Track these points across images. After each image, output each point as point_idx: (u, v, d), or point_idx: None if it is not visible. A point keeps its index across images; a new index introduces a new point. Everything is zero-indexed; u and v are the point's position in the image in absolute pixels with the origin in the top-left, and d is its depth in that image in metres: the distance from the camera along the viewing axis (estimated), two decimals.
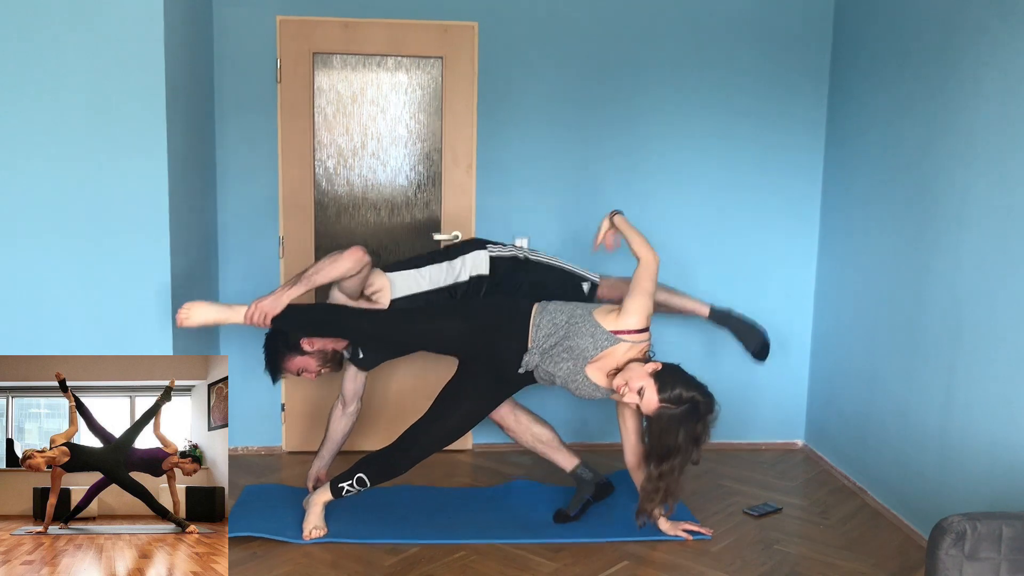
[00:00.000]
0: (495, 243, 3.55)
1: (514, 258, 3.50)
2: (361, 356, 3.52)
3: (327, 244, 4.13)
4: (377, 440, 4.23)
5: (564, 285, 3.55)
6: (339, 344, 3.44)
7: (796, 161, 4.29)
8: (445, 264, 3.44)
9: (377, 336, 3.39)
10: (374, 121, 4.10)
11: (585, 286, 3.59)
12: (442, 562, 3.08)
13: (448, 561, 3.08)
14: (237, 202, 4.06)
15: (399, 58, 4.07)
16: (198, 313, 3.14)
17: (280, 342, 3.39)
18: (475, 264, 3.44)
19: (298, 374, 3.44)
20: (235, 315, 3.18)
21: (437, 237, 4.16)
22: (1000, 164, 2.95)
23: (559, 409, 4.09)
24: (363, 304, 3.37)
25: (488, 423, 3.56)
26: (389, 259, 4.13)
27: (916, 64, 3.48)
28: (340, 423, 3.63)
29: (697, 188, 4.26)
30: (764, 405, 4.43)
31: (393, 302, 3.38)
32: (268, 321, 3.17)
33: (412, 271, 3.43)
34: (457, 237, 4.15)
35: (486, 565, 3.07)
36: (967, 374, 3.10)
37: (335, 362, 3.47)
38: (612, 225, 3.35)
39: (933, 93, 3.35)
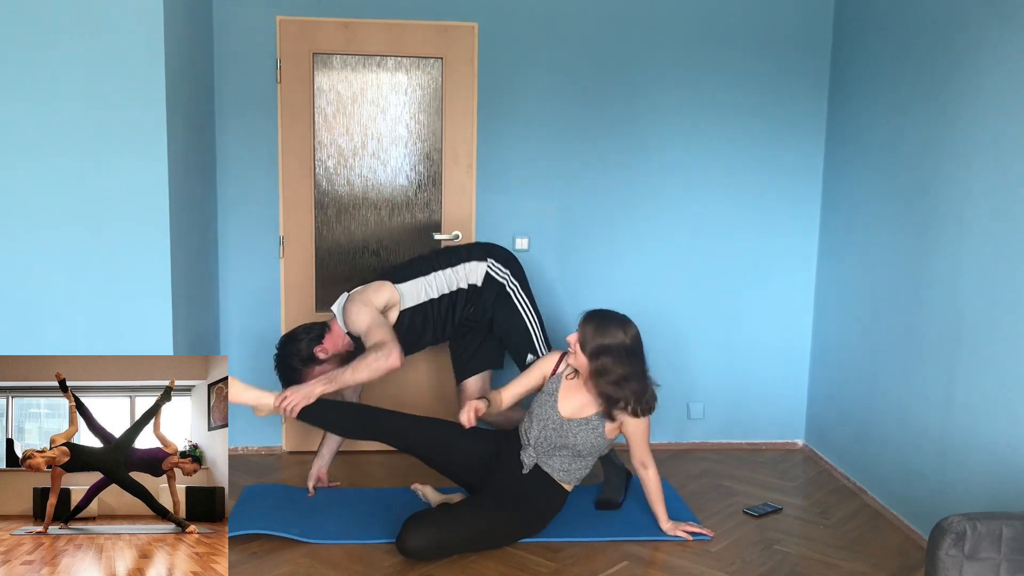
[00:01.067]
0: (497, 263, 3.62)
1: (503, 286, 3.59)
2: None
3: (327, 244, 4.13)
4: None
5: (519, 342, 3.65)
6: (348, 343, 3.48)
7: (796, 161, 4.28)
8: (449, 271, 3.55)
9: (400, 445, 3.39)
10: (374, 121, 4.10)
11: (529, 357, 3.63)
12: (442, 562, 3.07)
13: (448, 561, 3.08)
14: (237, 202, 4.06)
15: (399, 58, 4.07)
16: (234, 390, 3.18)
17: (294, 358, 3.44)
18: (474, 273, 3.56)
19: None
20: (266, 399, 3.23)
21: (437, 237, 4.16)
22: (1000, 164, 2.95)
23: None
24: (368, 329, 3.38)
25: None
26: (390, 259, 4.15)
27: (916, 65, 3.48)
28: None
29: (697, 188, 4.26)
30: (764, 405, 4.43)
31: (402, 313, 3.46)
32: (295, 414, 3.22)
33: (420, 280, 3.52)
34: (457, 237, 4.15)
35: (486, 565, 3.06)
36: (967, 374, 3.10)
37: (348, 360, 3.49)
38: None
39: (933, 94, 3.35)
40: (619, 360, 3.09)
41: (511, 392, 3.36)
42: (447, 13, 4.05)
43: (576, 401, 3.21)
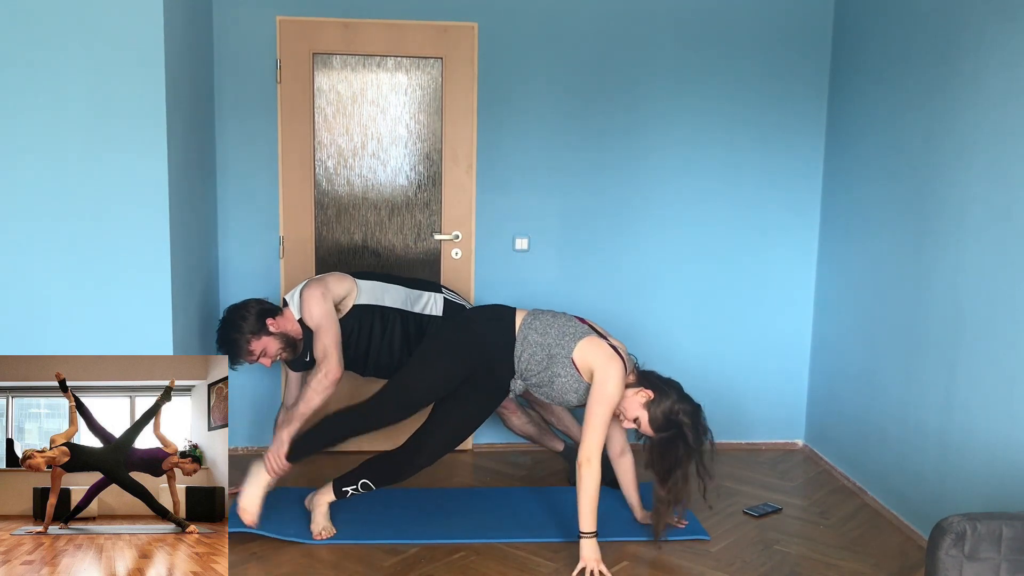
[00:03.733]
0: (452, 292, 3.76)
1: (463, 307, 3.69)
2: (308, 359, 3.57)
3: (327, 244, 4.13)
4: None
5: None
6: (297, 330, 3.51)
7: (796, 162, 4.28)
8: (409, 290, 3.62)
9: (395, 415, 3.33)
10: (374, 121, 4.10)
11: None
12: (442, 562, 3.08)
13: (448, 561, 3.08)
14: (237, 202, 4.06)
15: (399, 58, 4.07)
16: (251, 501, 3.22)
17: (242, 325, 3.44)
18: (434, 305, 3.63)
19: (257, 358, 3.49)
20: (262, 475, 3.26)
21: (437, 237, 4.16)
22: (1000, 165, 2.95)
23: None
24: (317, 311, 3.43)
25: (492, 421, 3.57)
26: (390, 259, 4.16)
27: (916, 66, 3.48)
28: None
29: (697, 188, 4.26)
30: (764, 405, 4.43)
31: (355, 307, 3.51)
32: (285, 463, 3.25)
33: (379, 283, 3.59)
34: (458, 237, 4.16)
35: (486, 565, 3.07)
36: (967, 374, 3.10)
37: (292, 348, 3.54)
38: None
39: (933, 95, 3.35)
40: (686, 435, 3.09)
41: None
42: (447, 13, 4.05)
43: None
